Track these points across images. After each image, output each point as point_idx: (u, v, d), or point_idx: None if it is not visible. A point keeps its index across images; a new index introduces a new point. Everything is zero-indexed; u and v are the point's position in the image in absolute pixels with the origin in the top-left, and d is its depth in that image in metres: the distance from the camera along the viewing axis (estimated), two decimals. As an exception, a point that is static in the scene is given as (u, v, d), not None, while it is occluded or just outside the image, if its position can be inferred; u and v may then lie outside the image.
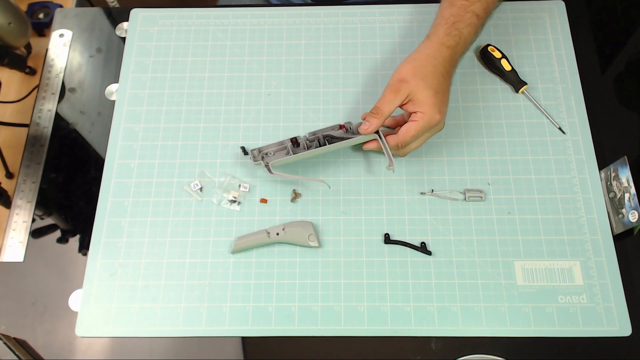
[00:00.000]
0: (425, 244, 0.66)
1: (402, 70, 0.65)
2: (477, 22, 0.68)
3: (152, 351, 0.63)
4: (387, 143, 0.67)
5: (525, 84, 0.74)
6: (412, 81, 0.64)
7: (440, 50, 0.66)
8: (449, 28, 0.67)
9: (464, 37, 0.67)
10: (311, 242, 0.66)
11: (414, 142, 0.66)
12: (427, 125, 0.64)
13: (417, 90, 0.63)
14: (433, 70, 0.64)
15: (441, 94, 0.64)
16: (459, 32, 0.67)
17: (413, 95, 0.64)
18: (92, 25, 0.83)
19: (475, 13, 0.68)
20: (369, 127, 0.66)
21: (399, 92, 0.64)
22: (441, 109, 0.64)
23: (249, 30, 0.81)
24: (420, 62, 0.65)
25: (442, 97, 0.65)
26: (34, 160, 0.74)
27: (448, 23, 0.67)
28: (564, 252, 0.66)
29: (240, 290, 0.65)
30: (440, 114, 0.64)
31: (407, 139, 0.65)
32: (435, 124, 0.65)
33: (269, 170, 0.66)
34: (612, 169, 0.68)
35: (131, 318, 0.64)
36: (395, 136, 0.66)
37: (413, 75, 0.64)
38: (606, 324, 0.62)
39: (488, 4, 0.69)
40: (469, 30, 0.67)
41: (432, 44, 0.67)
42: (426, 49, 0.66)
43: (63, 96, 0.78)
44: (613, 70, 0.78)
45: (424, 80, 0.64)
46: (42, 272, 0.67)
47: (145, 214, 0.69)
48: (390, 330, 0.63)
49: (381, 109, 0.65)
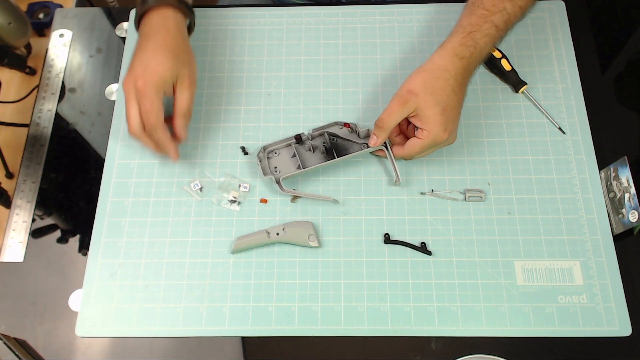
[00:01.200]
0: (425, 244, 0.66)
1: (412, 81, 0.63)
2: (495, 34, 0.66)
3: (152, 351, 0.63)
4: (393, 153, 0.67)
5: (525, 84, 0.74)
6: (420, 95, 0.62)
7: (453, 61, 0.64)
8: (464, 38, 0.65)
9: (479, 47, 0.65)
10: (311, 242, 0.66)
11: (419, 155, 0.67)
12: (433, 143, 0.64)
13: (425, 107, 0.62)
14: (444, 85, 0.63)
15: (450, 110, 0.63)
16: (475, 43, 0.65)
17: (420, 111, 0.63)
18: (92, 25, 0.83)
19: (495, 24, 0.66)
20: (375, 141, 0.66)
21: (406, 105, 0.62)
22: (448, 127, 0.63)
23: (249, 30, 0.81)
24: (432, 75, 0.63)
25: (450, 114, 0.63)
26: (34, 160, 0.74)
27: (465, 32, 0.65)
28: (564, 252, 0.66)
29: (240, 290, 0.65)
30: (447, 132, 0.63)
31: (412, 153, 0.66)
32: (442, 142, 0.64)
33: (281, 188, 0.67)
34: (612, 169, 0.68)
35: (131, 318, 0.64)
36: (401, 148, 0.66)
37: (423, 89, 0.62)
38: (606, 324, 0.62)
39: (510, 16, 0.67)
40: (485, 41, 0.65)
41: (445, 53, 0.64)
42: (439, 59, 0.64)
43: (63, 96, 0.78)
44: (613, 70, 0.78)
45: (433, 96, 0.62)
46: (42, 272, 0.67)
47: (145, 214, 0.69)
48: (390, 330, 0.63)
49: (386, 122, 0.64)
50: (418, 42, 0.79)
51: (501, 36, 0.68)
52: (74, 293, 0.66)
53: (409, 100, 0.62)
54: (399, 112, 0.63)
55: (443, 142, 0.65)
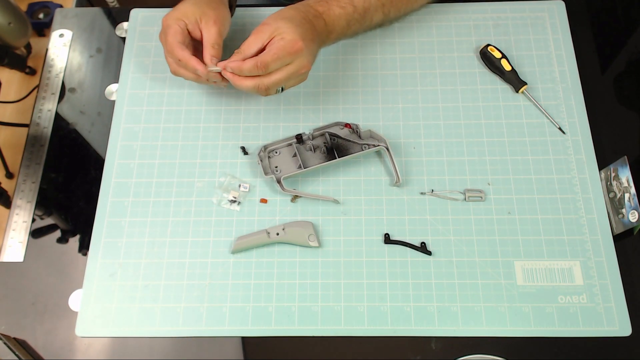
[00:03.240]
0: (425, 244, 0.66)
1: (268, 17, 0.65)
2: (351, 13, 0.69)
3: (152, 351, 0.63)
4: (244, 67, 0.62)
5: (525, 84, 0.74)
6: (273, 22, 0.63)
7: (305, 5, 0.67)
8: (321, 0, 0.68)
9: (332, 12, 0.68)
10: (311, 242, 0.66)
11: (275, 72, 0.63)
12: (287, 48, 0.62)
13: (279, 26, 0.63)
14: (295, 13, 0.65)
15: (303, 29, 0.63)
16: (328, 6, 0.68)
17: (275, 31, 0.63)
18: (92, 25, 0.83)
19: (354, 5, 0.69)
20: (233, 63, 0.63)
21: (261, 33, 0.63)
22: (304, 38, 0.63)
23: (249, 30, 0.80)
24: (284, 9, 0.66)
25: (302, 30, 0.63)
26: (34, 160, 0.74)
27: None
28: (564, 252, 0.66)
29: (240, 290, 0.65)
30: (303, 42, 0.62)
31: (265, 58, 0.61)
32: (295, 52, 0.62)
33: (282, 187, 0.67)
34: (612, 169, 0.68)
35: (131, 318, 0.64)
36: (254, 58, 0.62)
37: (275, 17, 0.64)
38: (606, 324, 0.62)
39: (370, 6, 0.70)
40: (339, 12, 0.68)
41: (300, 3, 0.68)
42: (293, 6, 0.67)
43: (63, 96, 0.78)
44: (613, 70, 0.78)
45: (285, 19, 0.64)
46: (42, 272, 0.67)
47: (145, 214, 0.69)
48: (390, 330, 0.63)
49: (243, 49, 0.64)
50: (418, 42, 0.79)
51: (358, 20, 0.70)
52: (74, 293, 0.66)
53: (263, 30, 0.63)
54: (256, 40, 0.63)
55: (297, 58, 0.63)
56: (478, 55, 0.77)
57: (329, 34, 0.69)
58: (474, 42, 0.78)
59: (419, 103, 0.75)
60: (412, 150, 0.72)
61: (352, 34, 0.72)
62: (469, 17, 0.80)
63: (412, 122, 0.73)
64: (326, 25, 0.68)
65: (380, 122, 0.73)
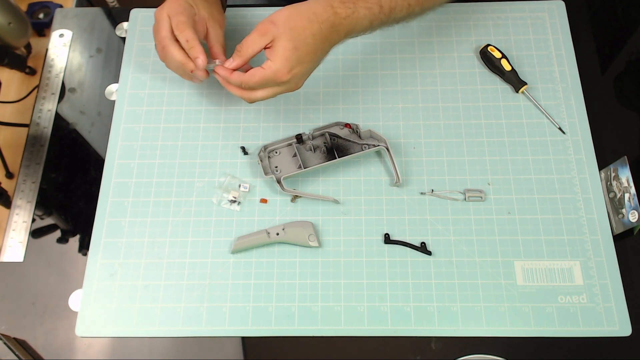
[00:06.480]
0: (425, 244, 0.66)
1: (279, 12, 0.60)
2: (377, 13, 0.63)
3: (152, 351, 0.63)
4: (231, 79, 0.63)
5: (525, 84, 0.74)
6: (280, 27, 0.59)
7: (326, 10, 0.60)
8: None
9: (357, 15, 0.62)
10: (311, 242, 0.66)
11: (260, 90, 0.62)
12: (272, 78, 0.60)
13: (280, 39, 0.59)
14: (306, 25, 0.59)
15: (302, 52, 0.60)
16: (355, 8, 0.61)
17: (275, 42, 0.59)
18: (92, 25, 0.83)
19: (381, 4, 0.63)
20: (230, 64, 0.63)
21: (265, 34, 0.60)
22: (294, 69, 0.60)
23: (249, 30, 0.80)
24: (299, 12, 0.60)
25: (301, 56, 0.60)
26: (34, 160, 0.74)
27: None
28: (564, 252, 0.66)
29: (240, 290, 0.65)
30: (290, 73, 0.60)
31: (250, 82, 0.61)
32: (281, 82, 0.61)
33: (282, 187, 0.67)
34: (612, 169, 0.68)
35: (131, 318, 0.64)
36: (241, 74, 0.62)
37: (284, 22, 0.59)
38: (606, 324, 0.62)
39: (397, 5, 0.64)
40: (364, 14, 0.62)
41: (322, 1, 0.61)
42: (315, 2, 0.61)
43: (63, 96, 0.78)
44: (613, 70, 0.78)
45: (291, 31, 0.59)
46: (42, 272, 0.67)
47: (145, 214, 0.69)
48: (390, 330, 0.63)
49: (245, 47, 0.61)
50: (418, 42, 0.79)
51: (382, 20, 0.64)
52: (74, 293, 0.66)
53: (269, 31, 0.60)
54: (258, 41, 0.60)
55: (283, 84, 0.61)
56: (478, 55, 0.77)
57: (346, 35, 0.65)
58: (474, 42, 0.78)
59: (419, 103, 0.75)
60: (412, 150, 0.72)
61: (370, 31, 0.68)
62: (469, 17, 0.80)
63: (412, 122, 0.73)
64: (345, 33, 0.63)
65: (380, 122, 0.73)
